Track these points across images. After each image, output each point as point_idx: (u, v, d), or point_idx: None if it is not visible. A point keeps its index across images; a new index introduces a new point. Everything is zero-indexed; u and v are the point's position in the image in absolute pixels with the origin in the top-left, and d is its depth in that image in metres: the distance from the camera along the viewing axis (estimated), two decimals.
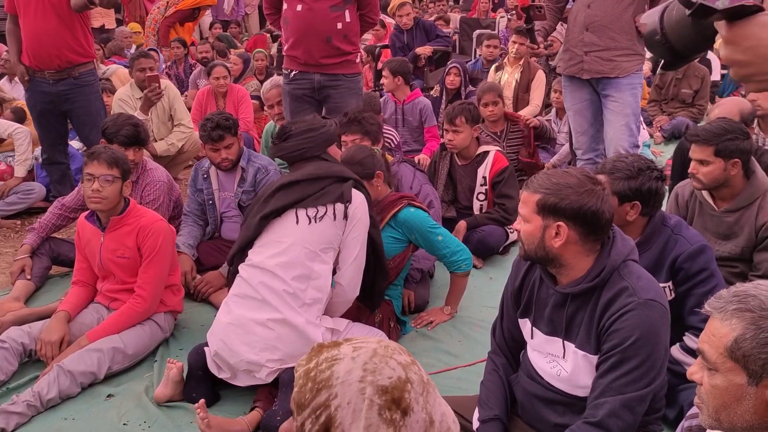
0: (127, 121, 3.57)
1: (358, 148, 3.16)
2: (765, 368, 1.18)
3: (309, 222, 2.60)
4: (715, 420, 1.27)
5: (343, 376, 1.01)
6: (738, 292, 1.26)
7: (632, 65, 3.62)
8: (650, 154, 5.94)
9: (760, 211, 2.83)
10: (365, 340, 1.09)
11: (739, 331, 1.21)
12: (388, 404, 1.00)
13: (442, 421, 1.06)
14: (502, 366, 2.24)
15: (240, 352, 2.50)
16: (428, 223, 3.09)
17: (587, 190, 1.89)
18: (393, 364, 1.03)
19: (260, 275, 2.57)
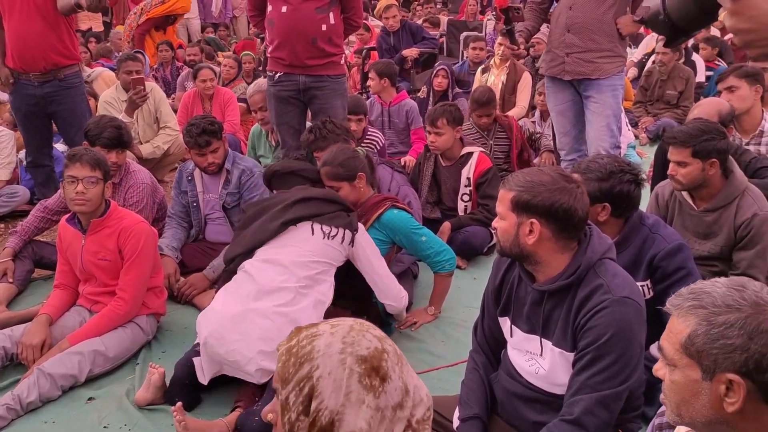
0: (109, 123, 3.56)
1: (340, 150, 3.16)
2: (717, 363, 1.21)
3: (323, 237, 2.72)
4: (677, 415, 1.30)
5: (323, 349, 1.08)
6: (694, 290, 1.28)
7: (613, 67, 3.65)
8: (635, 155, 5.98)
9: (739, 210, 2.86)
10: (342, 319, 1.16)
11: (693, 327, 1.24)
12: (368, 372, 1.06)
13: (415, 391, 1.11)
14: (482, 365, 2.25)
15: (232, 341, 2.46)
16: (412, 224, 3.11)
17: (560, 187, 1.91)
18: (369, 337, 1.11)
19: (272, 270, 2.61)
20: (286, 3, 3.84)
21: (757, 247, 2.84)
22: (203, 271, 3.56)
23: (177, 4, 8.88)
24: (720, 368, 1.21)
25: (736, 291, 1.23)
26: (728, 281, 1.27)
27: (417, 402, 1.10)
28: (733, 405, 1.21)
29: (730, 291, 1.24)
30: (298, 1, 3.82)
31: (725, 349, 1.20)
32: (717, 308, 1.22)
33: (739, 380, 1.19)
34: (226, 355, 2.48)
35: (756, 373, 1.18)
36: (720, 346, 1.20)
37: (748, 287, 1.24)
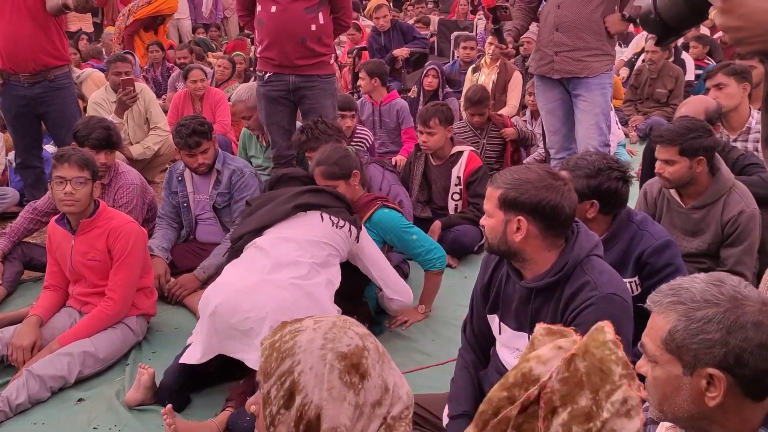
0: (98, 124, 3.55)
1: (333, 149, 3.17)
2: (697, 358, 1.22)
3: (332, 225, 2.74)
4: (660, 411, 1.31)
5: (305, 344, 1.09)
6: (674, 286, 1.29)
7: (601, 65, 3.67)
8: (626, 153, 6.01)
9: (726, 207, 2.88)
10: (325, 316, 1.18)
11: (672, 323, 1.24)
12: (348, 368, 1.07)
13: (394, 389, 1.13)
14: (472, 362, 2.26)
15: (245, 310, 2.40)
16: (402, 223, 3.14)
17: (546, 185, 1.92)
18: (351, 334, 1.12)
19: (286, 245, 2.62)
20: (275, 3, 3.85)
21: (744, 244, 2.86)
22: (194, 272, 3.55)
23: (164, 5, 8.86)
24: (700, 363, 1.21)
25: (715, 286, 1.24)
26: (707, 277, 1.28)
27: (395, 400, 1.12)
28: (714, 399, 1.22)
29: (709, 286, 1.25)
30: (288, 1, 3.82)
31: (705, 344, 1.21)
32: (696, 303, 1.23)
33: (720, 374, 1.20)
34: (237, 324, 2.41)
35: (736, 367, 1.19)
36: (699, 341, 1.21)
37: (727, 282, 1.25)
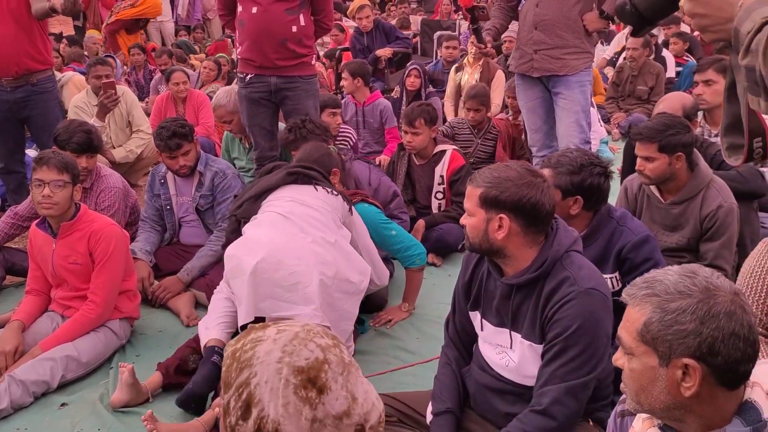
0: (79, 128, 3.53)
1: (314, 147, 3.19)
2: (672, 349, 1.23)
3: (327, 193, 2.79)
4: (637, 403, 1.32)
5: (263, 356, 1.07)
6: (647, 279, 1.31)
7: (580, 63, 3.70)
8: (608, 150, 6.05)
9: (704, 202, 2.91)
10: (291, 324, 1.16)
11: (647, 315, 1.26)
12: (304, 383, 1.05)
13: (366, 398, 1.11)
14: (455, 359, 2.27)
15: (291, 264, 2.37)
16: (380, 218, 3.15)
17: (526, 182, 1.93)
18: (312, 347, 1.09)
19: (301, 208, 2.66)
20: (256, 4, 3.84)
21: (722, 238, 2.89)
22: (177, 274, 3.53)
23: (149, 9, 8.81)
24: (675, 354, 1.23)
25: (687, 278, 1.26)
26: (680, 269, 1.30)
27: (369, 408, 1.10)
28: (690, 389, 1.23)
29: (682, 278, 1.26)
30: (268, 2, 3.82)
31: (679, 335, 1.22)
32: (669, 295, 1.25)
33: (695, 364, 1.22)
34: (281, 279, 2.38)
35: (709, 356, 1.21)
36: (674, 332, 1.23)
37: (699, 273, 1.27)
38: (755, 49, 1.03)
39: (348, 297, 2.58)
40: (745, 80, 1.08)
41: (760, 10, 1.05)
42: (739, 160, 1.25)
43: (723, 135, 1.27)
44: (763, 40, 1.01)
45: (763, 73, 1.01)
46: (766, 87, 1.01)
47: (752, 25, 1.05)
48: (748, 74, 1.06)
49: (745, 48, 1.05)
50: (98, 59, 5.41)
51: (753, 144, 1.20)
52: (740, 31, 1.08)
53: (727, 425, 1.26)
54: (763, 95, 1.03)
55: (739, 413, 1.26)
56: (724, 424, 1.26)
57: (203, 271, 3.54)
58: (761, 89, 1.03)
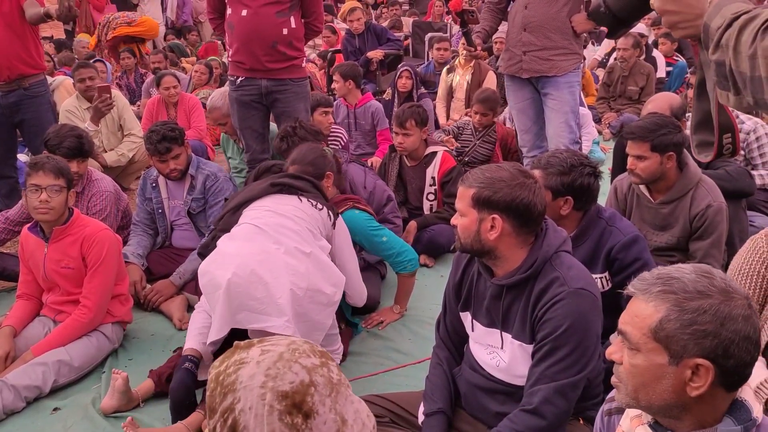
0: (70, 133, 3.52)
1: (309, 148, 3.19)
2: (686, 348, 1.22)
3: (311, 206, 2.76)
4: (632, 398, 1.30)
5: (246, 380, 1.04)
6: (662, 275, 1.28)
7: (569, 64, 3.71)
8: (599, 151, 6.08)
9: (693, 201, 2.93)
10: (277, 342, 1.11)
11: (663, 312, 1.23)
12: (289, 409, 1.02)
13: (356, 418, 1.08)
14: (446, 360, 2.28)
15: (262, 276, 2.37)
16: (371, 225, 3.15)
17: (519, 183, 1.95)
18: (297, 369, 1.05)
19: (276, 218, 2.62)
20: (246, 7, 3.84)
21: (712, 237, 2.92)
22: (170, 278, 3.53)
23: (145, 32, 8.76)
24: (689, 353, 1.22)
25: (705, 278, 1.24)
26: (694, 268, 1.27)
27: (359, 428, 1.08)
28: (698, 389, 1.22)
29: (700, 278, 1.24)
30: (258, 4, 3.82)
31: (697, 335, 1.21)
32: (688, 294, 1.23)
33: (708, 365, 1.21)
34: (255, 291, 2.37)
35: (723, 358, 1.20)
36: (692, 332, 1.21)
37: (716, 275, 1.25)
38: (725, 44, 1.04)
39: (321, 308, 2.55)
40: (714, 75, 1.09)
41: (730, 6, 1.07)
42: (709, 157, 1.26)
43: (693, 132, 1.28)
44: (734, 36, 1.02)
45: (733, 67, 1.02)
46: (735, 81, 1.03)
47: (722, 20, 1.06)
48: (718, 69, 1.07)
49: (715, 43, 1.07)
50: (81, 63, 5.40)
51: (722, 140, 1.21)
52: (710, 26, 1.10)
53: (718, 424, 1.26)
54: (732, 89, 1.05)
55: (731, 412, 1.27)
56: (716, 423, 1.27)
57: (195, 274, 3.53)
58: (730, 83, 1.05)
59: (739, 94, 1.03)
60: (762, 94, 0.96)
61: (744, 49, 1.00)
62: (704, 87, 1.22)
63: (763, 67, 0.95)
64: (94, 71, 5.13)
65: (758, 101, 0.99)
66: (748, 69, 0.98)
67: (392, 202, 3.83)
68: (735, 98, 1.06)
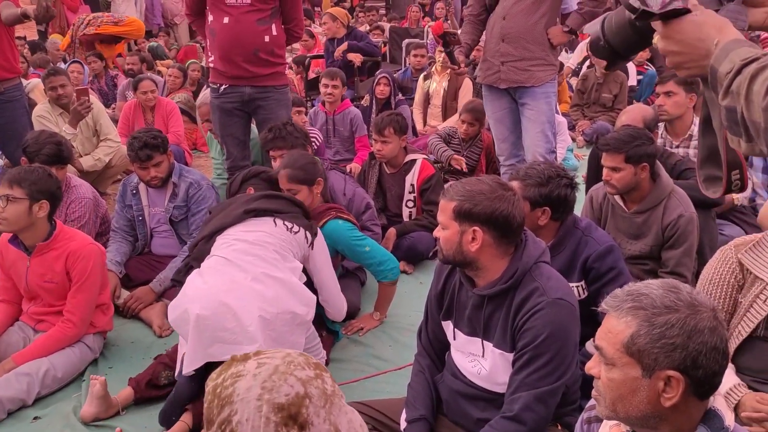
0: (48, 139, 3.50)
1: (300, 154, 3.23)
2: (657, 361, 1.27)
3: (286, 230, 2.76)
4: (612, 411, 1.35)
5: (243, 393, 1.07)
6: (631, 292, 1.33)
7: (546, 75, 3.79)
8: (573, 158, 6.18)
9: (666, 211, 3.02)
10: (272, 354, 1.14)
11: (635, 328, 1.29)
12: (285, 420, 1.05)
13: (349, 428, 1.12)
14: (427, 367, 2.32)
15: (232, 306, 2.37)
16: (354, 234, 3.18)
17: (498, 195, 2.00)
18: (292, 381, 1.09)
19: (244, 246, 2.62)
20: (227, 14, 3.84)
21: (683, 246, 3.00)
22: (150, 284, 3.53)
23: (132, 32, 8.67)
24: (660, 366, 1.27)
25: (672, 293, 1.30)
26: (661, 283, 1.33)
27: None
28: (671, 399, 1.28)
29: (667, 293, 1.30)
30: (240, 12, 3.83)
31: (666, 348, 1.26)
32: (657, 309, 1.28)
33: (679, 376, 1.26)
34: (225, 322, 2.38)
35: (692, 369, 1.26)
36: (662, 345, 1.26)
37: (682, 289, 1.31)
38: (736, 91, 1.04)
39: (294, 329, 2.56)
40: (725, 120, 1.09)
41: (738, 51, 1.08)
42: (718, 193, 1.27)
43: (699, 167, 1.29)
44: (745, 84, 1.02)
45: (745, 115, 1.02)
46: (747, 128, 1.03)
47: (731, 66, 1.07)
48: (729, 114, 1.07)
49: (725, 89, 1.07)
50: (51, 70, 5.31)
51: (731, 176, 1.22)
52: (718, 70, 1.10)
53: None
54: (744, 136, 1.05)
55: (704, 421, 1.32)
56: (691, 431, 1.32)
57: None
58: (742, 129, 1.05)
59: (752, 141, 1.03)
60: None
61: (757, 100, 0.99)
62: (710, 123, 1.23)
63: None
64: (66, 78, 5.02)
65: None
66: (763, 121, 0.98)
67: (371, 210, 3.88)
68: (747, 145, 1.06)
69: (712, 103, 1.17)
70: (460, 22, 11.65)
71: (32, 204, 2.78)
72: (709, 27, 1.14)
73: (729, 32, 1.13)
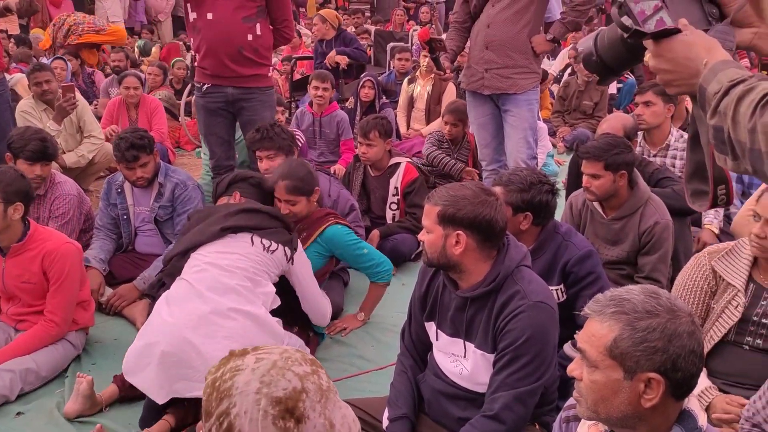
0: (34, 136, 3.49)
1: (299, 164, 3.26)
2: (639, 364, 1.33)
3: (263, 249, 2.73)
4: (593, 412, 1.41)
5: (242, 386, 1.11)
6: (614, 297, 1.39)
7: (529, 82, 3.86)
8: (553, 164, 6.28)
9: (642, 218, 3.10)
10: (270, 350, 1.18)
11: (617, 332, 1.34)
12: (282, 414, 1.09)
13: (342, 423, 1.16)
14: (410, 367, 2.37)
15: (197, 344, 2.37)
16: (352, 238, 3.27)
17: (481, 200, 2.06)
18: (290, 376, 1.13)
19: (215, 271, 2.59)
20: (211, 10, 3.82)
21: (659, 252, 3.08)
22: (134, 282, 3.54)
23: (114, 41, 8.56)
24: (641, 368, 1.33)
25: (652, 298, 1.36)
26: (642, 289, 1.39)
27: None
28: (651, 401, 1.33)
29: (648, 298, 1.36)
30: (225, 9, 3.81)
31: (648, 351, 1.32)
32: (638, 314, 1.34)
33: (659, 378, 1.32)
34: (191, 360, 2.38)
35: (672, 371, 1.32)
36: (644, 349, 1.32)
37: (661, 295, 1.37)
38: (723, 111, 1.07)
39: None
40: (712, 138, 1.13)
41: (726, 72, 1.11)
42: (704, 206, 1.30)
43: (687, 182, 1.33)
44: (732, 105, 1.05)
45: (732, 136, 1.05)
46: (734, 148, 1.06)
47: (719, 86, 1.10)
48: (716, 134, 1.10)
49: (713, 109, 1.10)
50: (36, 65, 5.29)
51: (717, 191, 1.26)
52: (707, 90, 1.13)
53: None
54: (730, 155, 1.08)
55: (679, 421, 1.38)
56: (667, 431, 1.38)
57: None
58: (728, 148, 1.08)
59: (737, 159, 1.07)
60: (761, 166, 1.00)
61: (743, 121, 1.03)
62: (698, 140, 1.26)
63: (762, 142, 0.98)
64: (51, 74, 5.00)
65: (757, 170, 1.03)
66: (748, 141, 1.01)
67: (355, 212, 3.93)
68: (733, 163, 1.09)
69: (700, 121, 1.21)
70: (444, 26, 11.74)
71: (7, 207, 2.77)
72: (698, 47, 1.18)
73: (717, 53, 1.17)
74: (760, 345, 2.27)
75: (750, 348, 2.29)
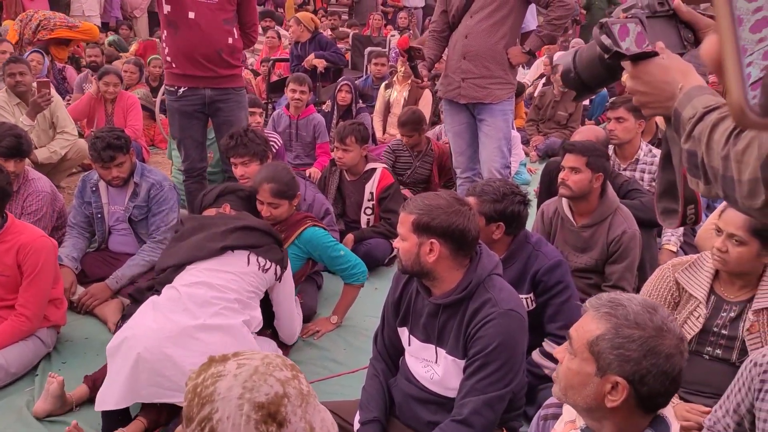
0: (8, 132, 3.45)
1: (282, 168, 3.30)
2: (610, 366, 1.40)
3: (258, 268, 2.76)
4: (563, 394, 1.49)
5: (224, 392, 1.13)
6: (614, 299, 1.46)
7: (504, 93, 3.93)
8: (526, 172, 6.38)
9: (611, 227, 3.18)
10: (251, 356, 1.20)
11: (602, 330, 1.41)
12: (264, 418, 1.12)
13: (322, 426, 1.19)
14: (382, 371, 2.42)
15: (174, 357, 2.38)
16: (330, 240, 3.33)
17: (455, 210, 2.11)
18: (272, 381, 1.15)
19: (205, 289, 2.61)
20: (193, 9, 3.77)
21: (626, 261, 3.17)
22: (106, 281, 3.51)
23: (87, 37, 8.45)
24: (612, 370, 1.39)
25: (648, 313, 1.41)
26: (642, 301, 1.45)
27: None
28: (613, 402, 1.40)
29: (643, 311, 1.41)
30: (207, 9, 3.78)
31: (621, 358, 1.38)
32: (627, 322, 1.40)
33: (624, 384, 1.39)
34: (165, 370, 2.39)
35: (638, 384, 1.38)
36: (618, 354, 1.39)
37: (659, 312, 1.42)
38: (698, 137, 1.10)
39: None
40: (685, 162, 1.15)
41: (701, 98, 1.14)
42: (674, 225, 1.35)
43: (657, 200, 1.37)
44: (706, 132, 1.08)
45: (705, 161, 1.08)
46: (706, 172, 1.08)
47: (694, 112, 1.13)
48: (690, 157, 1.13)
49: (687, 134, 1.13)
50: (12, 57, 5.21)
51: (687, 211, 1.30)
52: (681, 114, 1.16)
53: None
54: (703, 179, 1.11)
55: (652, 425, 1.44)
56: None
57: (132, 279, 3.54)
58: (701, 173, 1.10)
59: (710, 184, 1.09)
60: (733, 193, 1.02)
61: (717, 148, 1.05)
62: (670, 159, 1.31)
63: (735, 170, 1.00)
64: (26, 67, 4.94)
65: (728, 196, 1.05)
66: (721, 168, 1.04)
67: (330, 215, 3.96)
68: (705, 187, 1.11)
69: (672, 142, 1.26)
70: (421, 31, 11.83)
71: None
72: (674, 71, 1.22)
73: (692, 78, 1.21)
74: (720, 355, 2.36)
75: (710, 358, 2.38)
